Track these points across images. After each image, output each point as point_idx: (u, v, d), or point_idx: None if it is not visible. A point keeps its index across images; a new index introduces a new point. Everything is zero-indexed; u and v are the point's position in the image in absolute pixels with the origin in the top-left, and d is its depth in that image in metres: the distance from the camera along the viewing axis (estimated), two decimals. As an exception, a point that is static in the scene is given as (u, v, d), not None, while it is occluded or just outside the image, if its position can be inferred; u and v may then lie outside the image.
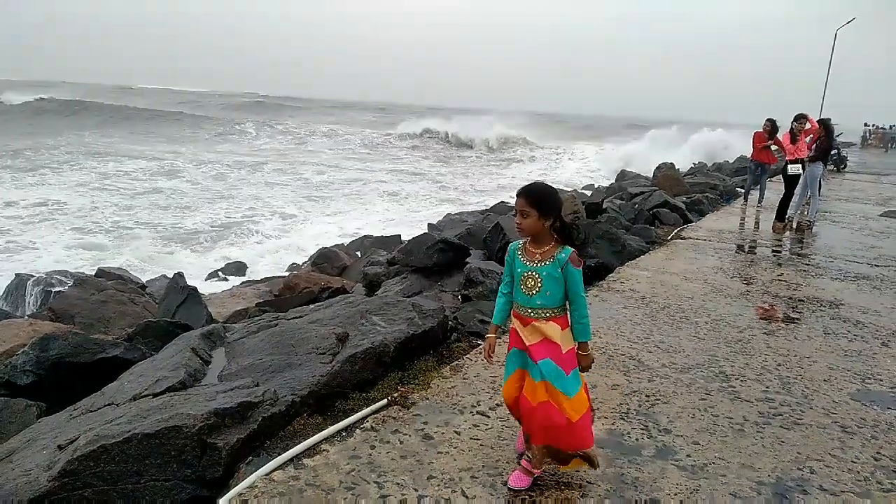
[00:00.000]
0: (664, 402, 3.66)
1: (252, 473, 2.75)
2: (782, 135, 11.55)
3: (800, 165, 10.67)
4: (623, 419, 3.43)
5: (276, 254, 15.38)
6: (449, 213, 17.77)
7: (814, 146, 11.15)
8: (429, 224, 15.22)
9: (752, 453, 3.16)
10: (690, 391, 3.84)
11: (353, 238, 15.28)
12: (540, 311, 2.58)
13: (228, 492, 2.66)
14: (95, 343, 4.73)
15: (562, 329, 2.58)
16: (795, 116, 11.04)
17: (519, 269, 2.63)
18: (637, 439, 3.23)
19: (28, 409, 4.29)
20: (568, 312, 2.63)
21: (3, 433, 4.06)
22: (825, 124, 11.42)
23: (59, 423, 3.57)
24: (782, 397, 3.83)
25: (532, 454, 2.70)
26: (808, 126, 11.11)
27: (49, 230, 16.27)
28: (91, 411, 3.51)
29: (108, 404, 3.46)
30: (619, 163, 34.78)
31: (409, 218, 20.61)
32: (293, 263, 13.62)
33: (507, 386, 2.74)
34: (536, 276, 2.57)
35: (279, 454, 2.91)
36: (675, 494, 2.76)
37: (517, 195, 2.60)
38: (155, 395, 3.29)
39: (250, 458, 2.92)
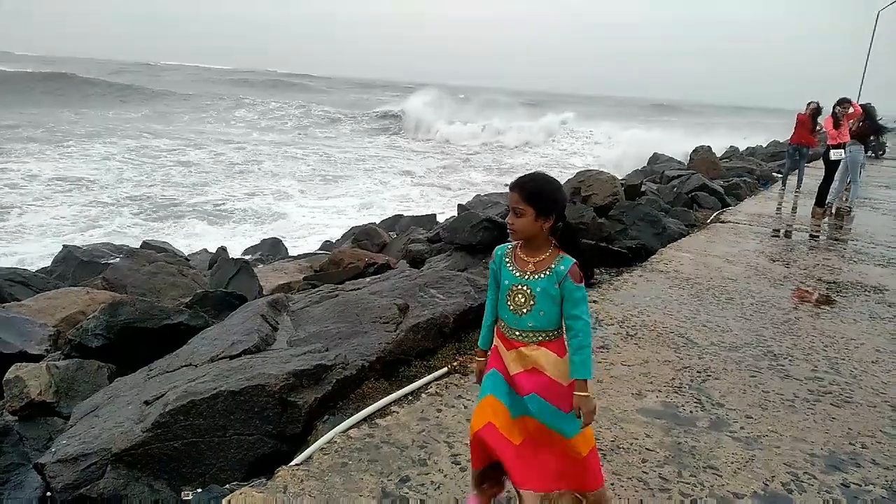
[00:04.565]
0: (715, 378, 3.77)
1: (330, 430, 2.93)
2: (825, 119, 11.41)
3: (842, 151, 10.55)
4: (676, 392, 3.55)
5: (299, 232, 15.65)
6: (478, 195, 17.89)
7: (856, 128, 11.02)
8: (459, 205, 15.34)
9: (803, 428, 3.26)
10: (740, 368, 3.94)
11: (385, 217, 15.50)
12: (530, 335, 2.12)
13: (308, 447, 2.85)
14: (161, 310, 4.96)
15: (558, 356, 2.11)
16: (839, 100, 10.87)
17: (507, 281, 2.15)
18: (691, 411, 3.34)
19: (100, 371, 4.54)
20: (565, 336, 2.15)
21: (79, 391, 4.32)
22: (867, 109, 11.26)
23: (137, 383, 3.80)
24: (831, 377, 3.92)
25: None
26: (851, 110, 10.95)
27: (70, 203, 16.74)
28: (168, 372, 3.72)
29: (185, 365, 3.67)
30: (649, 146, 34.43)
31: (428, 197, 20.89)
32: (327, 241, 13.86)
33: (477, 412, 2.16)
34: (528, 290, 2.10)
35: (352, 414, 3.09)
36: (732, 463, 2.89)
37: (510, 188, 2.11)
38: (232, 358, 3.49)
39: (326, 416, 3.11)
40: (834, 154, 10.66)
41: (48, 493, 2.79)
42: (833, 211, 10.78)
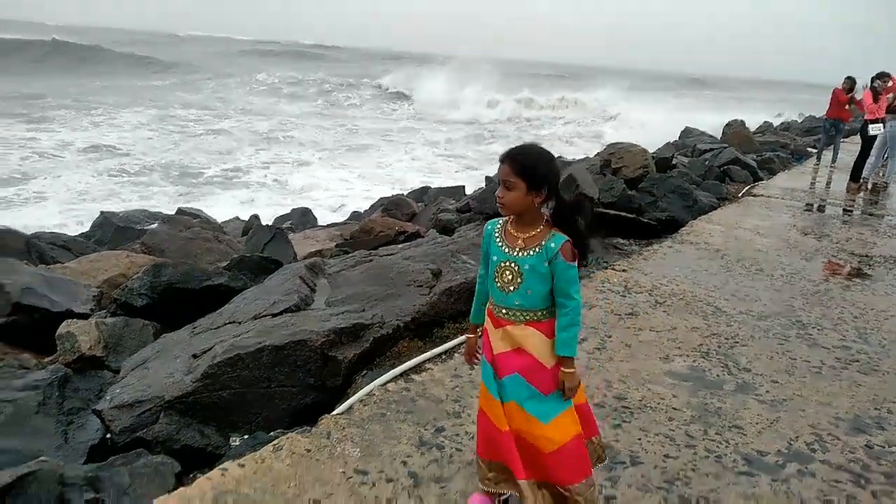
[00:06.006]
0: (742, 345, 3.83)
1: (369, 384, 3.08)
2: (863, 93, 11.15)
3: (881, 125, 10.33)
4: (704, 357, 3.62)
5: (327, 202, 15.81)
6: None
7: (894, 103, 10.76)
8: (486, 176, 15.41)
9: (829, 393, 3.32)
10: (768, 336, 3.99)
11: (412, 188, 15.61)
12: (518, 313, 2.02)
13: (349, 398, 3.00)
14: (202, 272, 5.15)
15: (546, 337, 2.01)
16: (878, 74, 10.62)
17: (494, 257, 2.06)
18: (718, 375, 3.42)
19: (145, 328, 4.75)
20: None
21: (126, 347, 4.54)
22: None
23: (182, 339, 3.99)
24: (859, 346, 3.95)
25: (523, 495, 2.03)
26: (890, 84, 10.68)
27: (100, 171, 17.07)
28: (212, 329, 3.90)
29: (229, 322, 3.84)
30: (681, 119, 33.76)
31: (453, 169, 21.09)
32: (355, 211, 14.03)
33: (481, 394, 2.14)
34: (515, 267, 1.99)
35: (389, 370, 3.23)
36: (757, 423, 2.97)
37: (500, 159, 1.99)
38: (274, 316, 3.64)
39: (365, 371, 3.26)
40: (872, 129, 10.45)
41: (108, 435, 2.99)
42: (868, 186, 10.60)
